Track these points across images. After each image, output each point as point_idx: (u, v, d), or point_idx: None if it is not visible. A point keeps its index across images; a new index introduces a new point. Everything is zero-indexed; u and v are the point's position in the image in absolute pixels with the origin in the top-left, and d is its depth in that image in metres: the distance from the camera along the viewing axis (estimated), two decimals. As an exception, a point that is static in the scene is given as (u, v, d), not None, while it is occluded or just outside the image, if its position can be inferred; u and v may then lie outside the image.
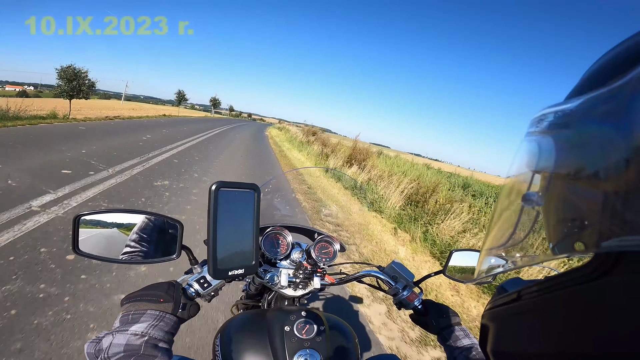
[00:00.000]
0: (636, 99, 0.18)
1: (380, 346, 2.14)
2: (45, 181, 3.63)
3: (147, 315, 0.52)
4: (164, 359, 0.48)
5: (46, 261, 2.15)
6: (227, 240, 0.55)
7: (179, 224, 0.62)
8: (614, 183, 0.18)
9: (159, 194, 4.07)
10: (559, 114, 0.25)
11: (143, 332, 0.49)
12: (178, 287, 0.62)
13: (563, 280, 0.22)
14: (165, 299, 0.55)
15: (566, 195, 0.23)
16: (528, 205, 0.27)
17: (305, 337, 0.71)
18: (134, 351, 0.47)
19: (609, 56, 0.23)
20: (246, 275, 0.59)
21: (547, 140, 0.25)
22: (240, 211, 0.56)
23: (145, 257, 0.62)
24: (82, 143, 6.35)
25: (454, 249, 0.88)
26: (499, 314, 0.29)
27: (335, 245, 0.95)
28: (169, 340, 0.53)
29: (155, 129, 12.17)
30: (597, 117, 0.21)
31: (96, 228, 0.59)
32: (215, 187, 0.51)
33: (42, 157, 4.68)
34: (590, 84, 0.24)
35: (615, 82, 0.19)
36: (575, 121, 0.23)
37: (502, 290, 0.30)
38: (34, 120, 8.85)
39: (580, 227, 0.21)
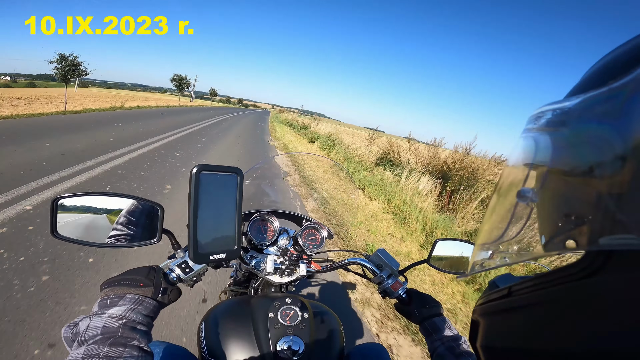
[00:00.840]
0: (635, 101, 0.18)
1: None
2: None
3: (125, 299, 0.52)
4: (142, 341, 0.48)
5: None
6: (208, 224, 0.54)
7: (159, 207, 0.61)
8: (608, 183, 0.18)
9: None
10: (557, 111, 0.25)
11: (121, 315, 0.49)
12: (159, 271, 0.62)
13: (554, 277, 0.23)
14: (145, 284, 0.55)
15: (560, 192, 0.23)
16: (522, 202, 0.27)
17: (289, 324, 0.71)
18: (111, 333, 0.47)
19: (611, 57, 0.23)
20: (228, 259, 0.59)
21: (544, 137, 0.25)
22: (222, 195, 0.55)
23: (125, 241, 0.61)
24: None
25: (438, 239, 0.89)
26: (490, 310, 0.30)
27: (322, 232, 0.95)
28: (147, 323, 0.52)
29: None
30: (595, 117, 0.21)
31: (75, 212, 0.58)
32: (196, 170, 0.50)
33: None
34: (590, 84, 0.24)
35: (615, 83, 0.20)
36: (573, 120, 0.23)
37: (494, 285, 0.31)
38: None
39: (572, 225, 0.21)
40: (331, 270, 0.95)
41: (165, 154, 5.95)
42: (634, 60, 0.20)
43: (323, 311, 0.84)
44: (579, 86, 0.26)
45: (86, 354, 0.43)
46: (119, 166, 4.56)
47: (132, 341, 0.47)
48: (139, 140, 6.77)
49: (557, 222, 0.23)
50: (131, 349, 0.46)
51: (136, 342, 0.47)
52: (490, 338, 0.29)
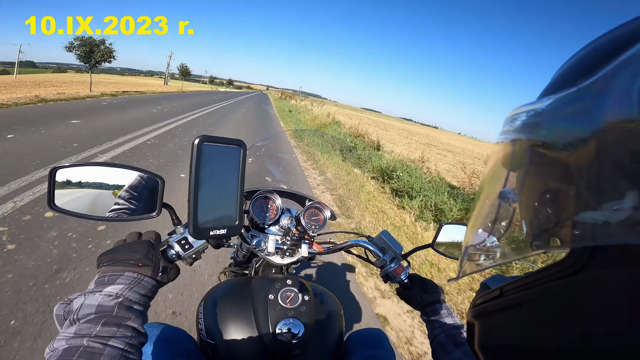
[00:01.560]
0: (603, 98, 0.18)
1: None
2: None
3: (124, 277, 0.50)
4: (137, 322, 0.47)
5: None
6: (209, 198, 0.52)
7: (159, 179, 0.59)
8: (585, 178, 0.19)
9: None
10: (530, 113, 0.26)
11: (117, 294, 0.47)
12: (158, 249, 0.59)
13: (541, 276, 0.23)
14: (144, 263, 0.53)
15: (540, 192, 0.24)
16: (505, 203, 0.28)
17: (290, 307, 0.70)
18: (105, 312, 0.45)
19: (578, 56, 0.24)
20: (229, 235, 0.57)
21: (519, 139, 0.26)
22: (224, 168, 0.53)
23: (124, 214, 0.59)
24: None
25: (444, 222, 0.87)
26: (483, 311, 0.30)
27: (325, 212, 0.93)
28: (144, 303, 0.51)
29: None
30: (566, 116, 0.21)
31: (72, 185, 0.56)
32: (198, 141, 0.48)
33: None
34: (560, 84, 0.25)
35: (584, 82, 0.20)
36: (546, 120, 0.24)
37: (485, 287, 0.31)
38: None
39: (555, 223, 0.22)
40: (333, 252, 0.94)
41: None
42: (600, 59, 0.21)
43: (323, 294, 0.83)
44: (550, 86, 0.27)
45: (77, 333, 0.42)
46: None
47: (126, 321, 0.45)
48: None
49: (539, 220, 0.24)
50: (125, 329, 0.44)
51: (131, 322, 0.46)
52: (487, 339, 0.29)
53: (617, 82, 0.18)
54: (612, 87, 0.18)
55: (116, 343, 0.42)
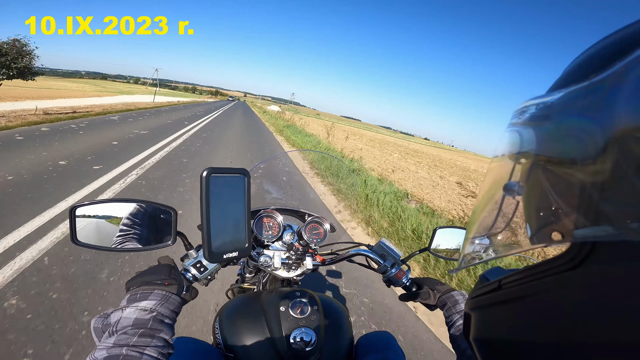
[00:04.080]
0: (615, 94, 0.18)
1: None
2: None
3: (154, 294, 0.55)
4: (168, 334, 0.52)
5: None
6: (220, 225, 0.57)
7: (172, 210, 0.64)
8: (591, 174, 0.19)
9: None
10: (540, 106, 0.26)
11: (152, 309, 0.52)
12: (179, 270, 0.64)
13: (540, 270, 0.23)
14: (170, 282, 0.58)
15: (545, 185, 0.24)
16: (509, 195, 0.28)
17: (300, 317, 0.74)
18: (142, 325, 0.49)
19: (591, 51, 0.24)
20: (240, 257, 0.62)
21: (528, 131, 0.26)
22: (231, 196, 0.58)
23: (141, 244, 0.63)
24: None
25: (438, 227, 0.92)
26: (481, 303, 0.30)
27: (325, 225, 0.98)
28: (173, 318, 0.56)
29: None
30: (577, 110, 0.21)
31: (93, 218, 0.60)
32: (206, 174, 0.53)
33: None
34: (571, 78, 0.24)
35: (596, 77, 0.20)
36: (556, 113, 0.23)
37: (484, 279, 0.31)
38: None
39: (557, 217, 0.22)
40: (336, 262, 0.98)
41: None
42: (615, 54, 0.20)
43: (331, 303, 0.87)
44: (561, 80, 0.26)
45: (116, 343, 0.46)
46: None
47: (159, 333, 0.50)
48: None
49: (542, 214, 0.24)
50: (158, 340, 0.49)
51: (163, 334, 0.50)
52: (483, 331, 0.29)
53: (630, 77, 0.18)
54: (625, 82, 0.18)
55: (151, 352, 0.47)
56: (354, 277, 2.67)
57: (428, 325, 2.36)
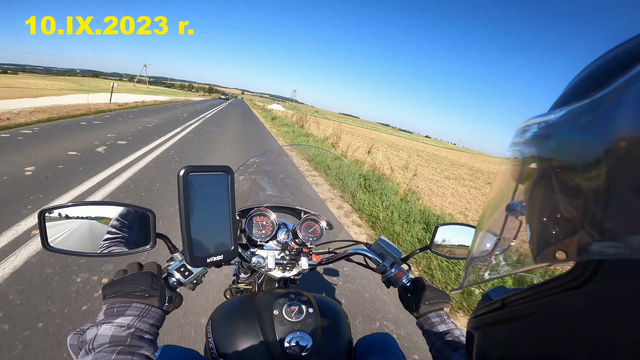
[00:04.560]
0: (616, 109, 0.18)
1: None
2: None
3: (132, 308, 0.52)
4: (150, 350, 0.49)
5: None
6: (202, 227, 0.53)
7: (150, 213, 0.60)
8: (593, 194, 0.19)
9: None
10: (542, 124, 0.26)
11: (129, 324, 0.50)
12: (161, 279, 0.60)
13: (545, 289, 0.23)
14: (150, 294, 0.55)
15: (548, 205, 0.24)
16: (512, 215, 0.28)
17: (295, 320, 0.71)
18: (119, 342, 0.47)
19: (592, 68, 0.24)
20: (226, 260, 0.58)
21: (530, 150, 0.26)
22: (213, 195, 0.54)
23: (119, 248, 0.60)
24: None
25: (440, 224, 0.87)
26: (484, 322, 0.30)
27: (321, 223, 0.94)
28: (154, 332, 0.53)
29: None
30: (579, 128, 0.21)
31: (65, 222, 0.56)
32: (183, 172, 0.49)
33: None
34: (573, 95, 0.25)
35: (597, 94, 0.20)
36: (557, 132, 0.23)
37: (487, 298, 0.31)
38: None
39: (561, 236, 0.22)
40: (333, 262, 0.94)
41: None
42: (615, 70, 0.20)
43: (328, 304, 0.84)
44: (562, 98, 0.26)
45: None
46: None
47: (139, 349, 0.48)
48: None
49: (546, 233, 0.24)
50: (139, 357, 0.47)
51: (143, 350, 0.48)
52: (486, 350, 0.29)
53: (630, 94, 0.18)
54: (625, 99, 0.18)
55: None
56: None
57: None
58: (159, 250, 2.23)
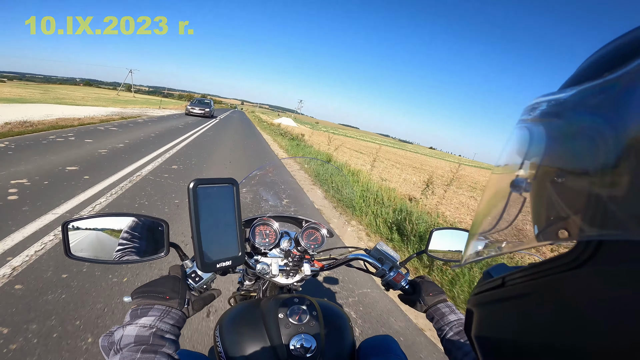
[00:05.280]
0: (629, 93, 0.18)
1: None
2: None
3: (154, 309, 0.56)
4: (171, 349, 0.53)
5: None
6: (211, 235, 0.57)
7: (164, 223, 0.64)
8: (601, 176, 0.19)
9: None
10: (552, 102, 0.25)
11: (151, 325, 0.53)
12: (183, 282, 0.64)
13: (546, 267, 0.23)
14: (171, 296, 0.58)
15: (553, 183, 0.23)
16: (516, 192, 0.28)
17: (299, 323, 0.74)
18: (143, 342, 0.51)
19: (606, 50, 0.24)
20: (234, 265, 0.62)
21: (538, 128, 0.26)
22: (220, 205, 0.58)
23: (135, 257, 0.64)
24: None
25: (434, 228, 0.91)
26: (484, 300, 0.30)
27: (322, 231, 0.97)
28: (175, 332, 0.56)
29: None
30: (589, 109, 0.21)
31: (86, 231, 0.61)
32: (193, 185, 0.53)
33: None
34: (585, 75, 0.24)
35: (610, 75, 0.20)
36: (568, 111, 0.23)
37: (488, 275, 0.30)
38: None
39: (565, 215, 0.22)
40: (334, 268, 0.97)
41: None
42: (630, 52, 0.20)
43: (330, 308, 0.86)
44: (574, 77, 0.26)
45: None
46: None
47: (161, 348, 0.51)
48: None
49: (550, 212, 0.23)
50: (161, 356, 0.50)
51: (165, 349, 0.51)
52: (485, 328, 0.29)
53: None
54: (638, 83, 0.18)
55: None
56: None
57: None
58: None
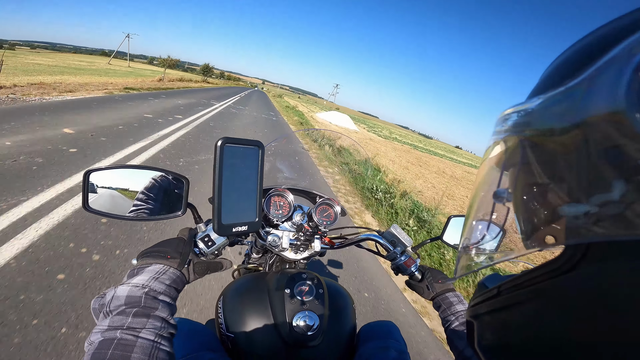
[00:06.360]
0: (590, 96, 0.19)
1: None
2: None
3: (149, 269, 0.53)
4: (164, 312, 0.48)
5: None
6: (231, 197, 0.56)
7: (184, 179, 0.63)
8: (574, 173, 0.19)
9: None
10: (521, 113, 0.26)
11: (143, 284, 0.49)
12: (188, 244, 0.63)
13: (538, 274, 0.23)
14: (172, 255, 0.56)
15: (533, 189, 0.24)
16: (499, 202, 0.28)
17: (305, 299, 0.73)
18: (134, 303, 0.47)
19: (565, 56, 0.25)
20: (249, 232, 0.61)
21: (512, 139, 0.27)
22: (244, 167, 0.57)
23: (151, 214, 0.63)
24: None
25: (452, 215, 0.89)
26: (481, 311, 0.30)
27: (336, 208, 0.96)
28: (170, 294, 0.52)
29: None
30: (555, 116, 0.22)
31: (106, 184, 0.60)
32: (221, 143, 0.52)
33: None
34: (548, 83, 0.25)
35: (571, 82, 0.21)
36: (536, 120, 0.24)
37: (483, 286, 0.31)
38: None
39: (548, 221, 0.22)
40: (345, 247, 0.96)
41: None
42: (587, 57, 0.21)
43: (336, 288, 0.86)
44: (539, 86, 0.27)
45: (111, 326, 0.43)
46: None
47: (154, 311, 0.47)
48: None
49: (533, 219, 0.24)
50: (154, 320, 0.46)
51: (158, 312, 0.47)
52: (486, 338, 0.29)
53: (603, 80, 0.18)
54: (598, 85, 0.19)
55: (147, 334, 0.44)
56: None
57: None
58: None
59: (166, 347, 0.45)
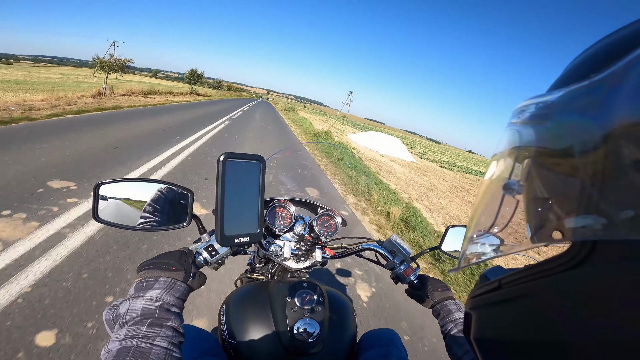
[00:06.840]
0: (615, 92, 0.18)
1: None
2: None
3: (160, 282, 0.55)
4: (176, 322, 0.52)
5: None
6: (233, 209, 0.58)
7: (189, 192, 0.66)
8: (590, 174, 0.19)
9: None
10: (540, 105, 0.26)
11: (157, 297, 0.52)
12: (189, 256, 0.65)
13: (541, 269, 0.23)
14: (177, 268, 0.58)
15: (545, 185, 0.24)
16: (509, 194, 0.28)
17: (306, 307, 0.74)
18: (149, 315, 0.50)
19: (592, 50, 0.24)
20: (251, 242, 0.63)
21: (528, 130, 0.26)
22: (246, 181, 0.59)
23: (158, 225, 0.65)
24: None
25: (450, 225, 0.91)
26: (481, 303, 0.30)
27: (337, 219, 0.98)
28: (179, 306, 0.56)
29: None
30: (577, 109, 0.22)
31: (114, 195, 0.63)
32: (223, 158, 0.55)
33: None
34: (572, 77, 0.25)
35: (596, 76, 0.20)
36: (556, 113, 0.23)
37: (484, 278, 0.31)
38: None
39: (558, 216, 0.22)
40: (345, 256, 0.98)
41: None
42: (615, 53, 0.21)
43: (337, 296, 0.87)
44: (561, 79, 0.26)
45: (127, 335, 0.47)
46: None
47: (167, 322, 0.50)
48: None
49: (543, 213, 0.24)
50: (167, 329, 0.49)
51: (171, 322, 0.51)
52: (483, 330, 0.29)
53: (629, 77, 0.18)
54: (624, 82, 0.18)
55: (161, 342, 0.47)
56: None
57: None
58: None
59: (177, 353, 0.49)
